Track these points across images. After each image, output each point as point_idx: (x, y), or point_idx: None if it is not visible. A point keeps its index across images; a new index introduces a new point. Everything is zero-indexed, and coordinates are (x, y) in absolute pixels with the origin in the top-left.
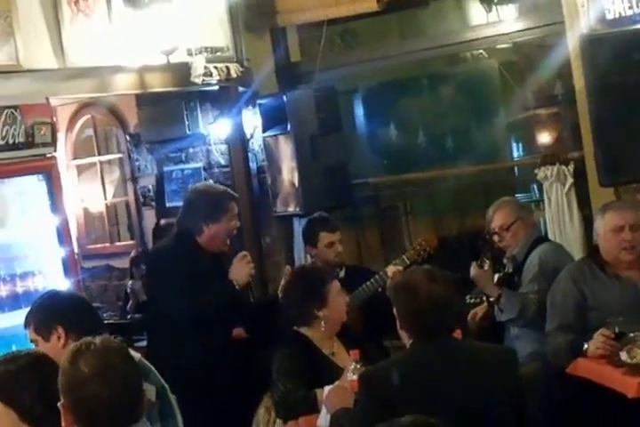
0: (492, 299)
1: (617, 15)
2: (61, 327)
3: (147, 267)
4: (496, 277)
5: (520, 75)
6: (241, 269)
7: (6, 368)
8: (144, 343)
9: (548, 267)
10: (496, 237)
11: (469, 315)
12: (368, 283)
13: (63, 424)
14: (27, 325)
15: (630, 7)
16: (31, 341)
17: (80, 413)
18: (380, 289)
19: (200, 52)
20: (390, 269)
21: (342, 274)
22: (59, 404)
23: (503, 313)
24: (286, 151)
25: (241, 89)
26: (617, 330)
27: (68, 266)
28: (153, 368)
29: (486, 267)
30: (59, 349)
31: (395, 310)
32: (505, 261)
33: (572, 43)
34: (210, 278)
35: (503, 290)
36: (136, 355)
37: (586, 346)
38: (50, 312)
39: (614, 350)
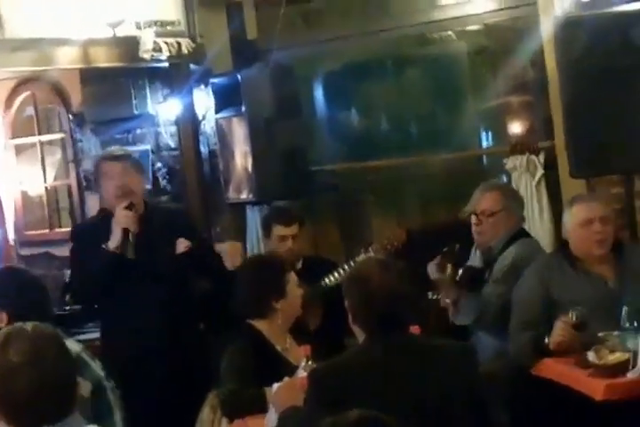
0: (448, 301)
1: None
2: (5, 314)
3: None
4: (460, 271)
5: (490, 59)
6: (116, 223)
7: None
8: (84, 336)
9: (521, 267)
10: (474, 219)
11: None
12: (335, 274)
13: None
14: None
15: None
16: None
17: (9, 405)
18: None
19: (149, 26)
20: None
21: (299, 265)
22: None
23: (459, 316)
24: (240, 134)
25: (193, 66)
26: (574, 318)
27: (2, 251)
28: (92, 362)
29: (448, 270)
30: None
31: (346, 303)
32: (476, 252)
33: (545, 26)
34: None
35: (463, 293)
36: (75, 348)
37: (547, 340)
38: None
39: (575, 339)
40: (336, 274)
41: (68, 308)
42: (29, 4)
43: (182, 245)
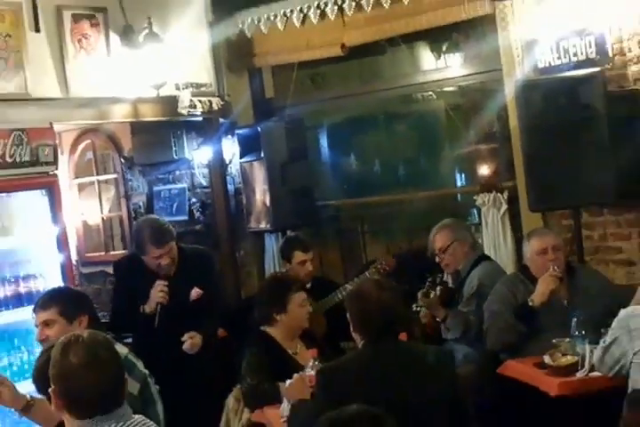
0: (439, 319)
1: (547, 64)
2: (86, 316)
3: None
4: (438, 289)
5: (464, 114)
6: (153, 295)
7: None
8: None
9: (486, 288)
10: (437, 258)
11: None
12: (335, 293)
13: (53, 408)
14: (46, 307)
15: (559, 57)
16: (44, 322)
17: (70, 399)
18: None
19: (186, 87)
20: None
21: (309, 285)
22: (49, 390)
23: (449, 332)
24: (259, 175)
25: (221, 120)
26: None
27: (66, 270)
28: (138, 363)
29: (432, 295)
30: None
31: (348, 315)
32: (447, 276)
33: (508, 88)
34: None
35: (449, 311)
36: (123, 350)
37: (530, 301)
38: (80, 301)
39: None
40: (339, 292)
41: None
42: (89, 69)
43: (194, 293)
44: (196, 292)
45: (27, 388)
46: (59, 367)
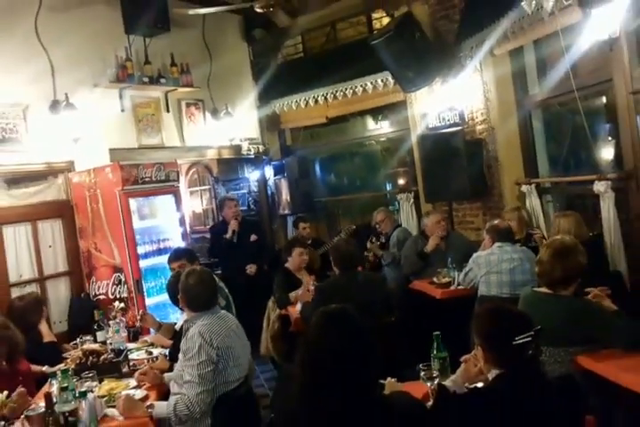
0: (379, 256)
1: (434, 125)
2: (197, 261)
3: None
4: (379, 243)
5: (390, 153)
6: (230, 227)
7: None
8: (218, 272)
9: (400, 239)
10: (377, 226)
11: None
12: (324, 246)
13: (182, 305)
14: (178, 258)
15: (440, 122)
16: (179, 266)
17: (188, 301)
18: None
19: (245, 140)
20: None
21: (310, 242)
22: (179, 296)
23: (385, 261)
24: (284, 186)
25: (264, 157)
26: (442, 233)
27: (184, 236)
28: (224, 286)
29: (375, 243)
30: None
31: (331, 258)
32: (381, 236)
33: (413, 138)
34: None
35: (384, 251)
36: (216, 279)
37: (425, 249)
38: (193, 253)
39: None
40: (328, 245)
41: (211, 260)
42: (195, 131)
43: (253, 237)
44: (253, 237)
45: (163, 297)
46: (183, 285)
